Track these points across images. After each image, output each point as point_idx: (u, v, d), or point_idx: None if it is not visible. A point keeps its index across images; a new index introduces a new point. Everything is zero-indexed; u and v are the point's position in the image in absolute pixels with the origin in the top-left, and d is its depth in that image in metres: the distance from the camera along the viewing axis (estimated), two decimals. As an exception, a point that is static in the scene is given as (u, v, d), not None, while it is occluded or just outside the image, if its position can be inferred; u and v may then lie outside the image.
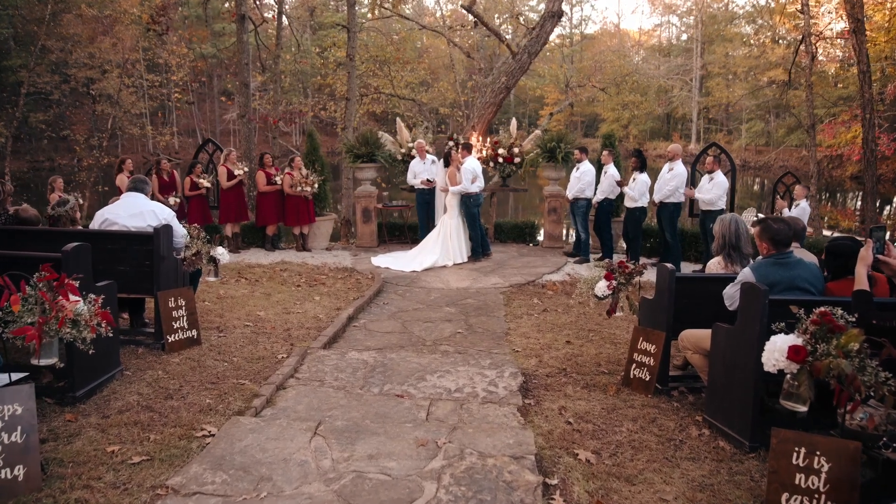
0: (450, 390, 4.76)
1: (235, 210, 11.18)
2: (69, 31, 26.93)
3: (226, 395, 4.47)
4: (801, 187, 10.01)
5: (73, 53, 27.61)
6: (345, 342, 6.26)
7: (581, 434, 4.06)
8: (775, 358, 3.05)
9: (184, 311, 5.46)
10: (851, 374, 2.78)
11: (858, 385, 2.77)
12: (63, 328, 3.26)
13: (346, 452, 3.55)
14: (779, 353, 3.04)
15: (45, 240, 5.37)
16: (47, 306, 3.21)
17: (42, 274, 3.28)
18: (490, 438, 3.77)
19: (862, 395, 2.80)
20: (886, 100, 29.18)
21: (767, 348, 3.13)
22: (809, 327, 3.01)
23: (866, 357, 2.86)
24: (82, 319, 3.36)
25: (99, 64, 28.74)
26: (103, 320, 3.51)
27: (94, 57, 28.30)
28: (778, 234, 3.90)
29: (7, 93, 32.49)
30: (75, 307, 3.35)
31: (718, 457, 3.78)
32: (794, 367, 3.00)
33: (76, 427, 3.80)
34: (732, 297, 4.03)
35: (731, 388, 3.99)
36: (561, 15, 15.54)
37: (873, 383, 2.78)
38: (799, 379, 2.98)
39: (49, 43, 25.05)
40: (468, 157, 10.42)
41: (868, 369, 2.81)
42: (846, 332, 2.90)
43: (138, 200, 5.53)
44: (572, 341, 6.38)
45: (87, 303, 3.45)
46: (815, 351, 2.95)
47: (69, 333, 3.31)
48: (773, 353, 3.07)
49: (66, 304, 3.28)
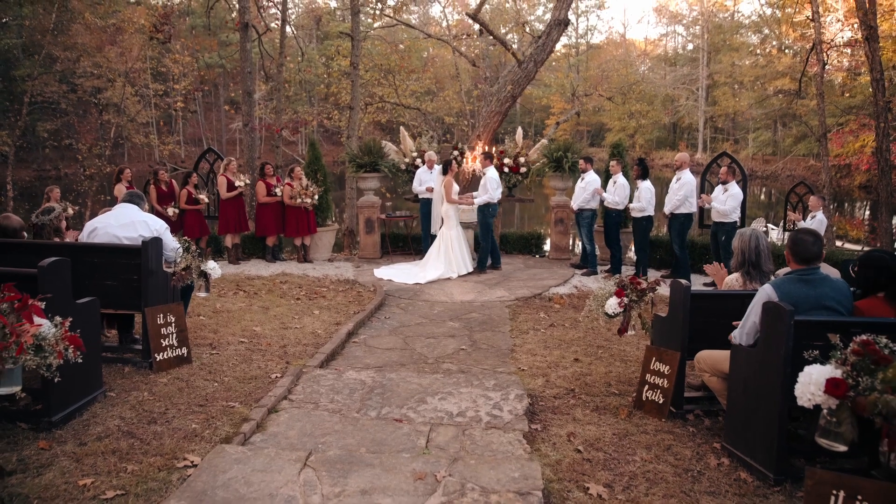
0: (451, 414, 4.48)
1: (235, 220, 10.96)
2: (75, 40, 26.92)
3: (213, 420, 4.21)
4: (815, 198, 9.69)
5: (80, 63, 27.59)
6: (343, 360, 5.99)
7: (591, 464, 3.78)
8: (811, 392, 2.76)
9: (173, 328, 5.21)
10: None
11: (909, 426, 2.49)
12: (22, 355, 3.01)
13: (338, 487, 3.27)
14: (815, 386, 2.74)
15: (27, 252, 5.13)
16: (7, 331, 2.96)
17: (3, 294, 3.03)
18: (493, 471, 3.48)
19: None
20: (894, 109, 28.86)
21: (801, 380, 2.84)
22: (850, 357, 2.72)
23: (915, 392, 2.58)
24: (46, 345, 3.10)
25: (105, 73, 28.72)
26: (71, 345, 3.25)
27: (100, 66, 28.28)
28: (803, 247, 3.61)
29: (14, 102, 32.55)
30: (38, 331, 3.09)
31: (741, 490, 3.49)
32: (832, 403, 2.71)
33: (49, 456, 3.55)
34: (749, 334, 3.72)
35: (754, 416, 3.70)
36: (567, 23, 15.31)
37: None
38: (839, 416, 2.68)
39: (56, 52, 25.04)
40: (489, 166, 10.20)
41: (917, 406, 2.53)
42: (893, 363, 2.62)
43: (130, 211, 5.30)
44: (580, 359, 6.11)
45: (53, 325, 3.20)
46: (857, 385, 2.66)
47: (31, 360, 3.05)
48: (809, 385, 2.77)
49: (29, 328, 3.02)
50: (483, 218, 10.11)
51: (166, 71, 25.20)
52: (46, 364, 3.13)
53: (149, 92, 30.62)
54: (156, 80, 33.67)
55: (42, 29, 26.77)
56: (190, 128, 48.95)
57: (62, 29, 24.81)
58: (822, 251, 3.68)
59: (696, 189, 9.78)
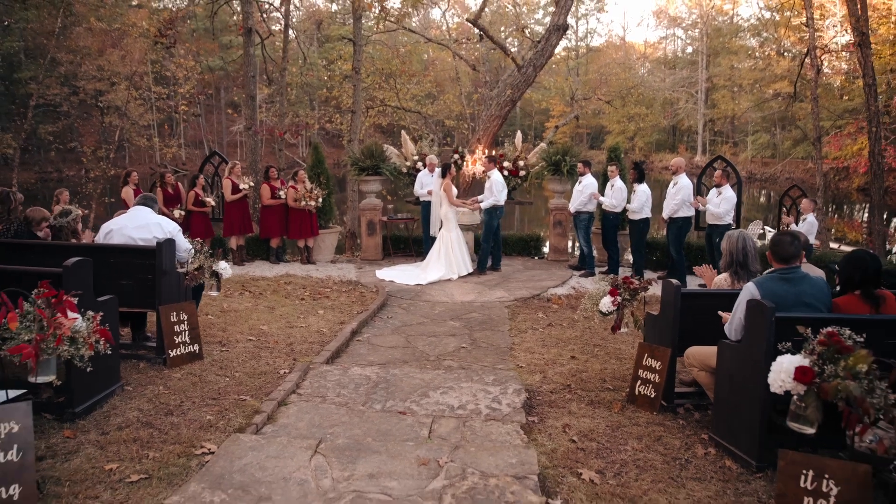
0: (453, 407, 4.71)
1: (239, 223, 11.18)
2: (78, 43, 27.14)
3: (227, 412, 4.43)
4: (807, 201, 9.94)
5: (83, 66, 27.81)
6: (348, 357, 6.22)
7: (585, 453, 4.00)
8: (782, 379, 3.00)
9: (186, 326, 5.43)
10: (860, 396, 2.72)
11: (867, 408, 2.71)
12: (60, 346, 3.24)
13: (347, 471, 3.50)
14: (785, 374, 2.98)
15: (46, 253, 5.36)
16: (45, 323, 3.19)
17: (40, 290, 3.26)
18: (492, 457, 3.71)
19: (871, 418, 2.74)
20: (892, 112, 29.14)
21: (774, 369, 3.08)
22: (816, 348, 2.96)
23: (875, 379, 2.81)
24: (80, 337, 3.34)
25: (108, 76, 28.95)
26: (102, 337, 3.49)
27: (102, 69, 28.52)
28: (781, 248, 3.85)
29: (17, 105, 32.79)
30: (73, 324, 3.32)
31: (725, 477, 3.71)
32: (801, 389, 2.94)
33: (74, 444, 3.77)
34: (737, 330, 3.94)
35: (738, 407, 3.93)
36: (566, 28, 15.55)
37: (882, 406, 2.73)
38: (806, 401, 2.92)
39: (59, 55, 25.28)
40: (493, 169, 10.41)
41: (877, 391, 2.75)
42: (854, 352, 2.85)
43: (145, 213, 5.53)
44: (577, 356, 6.32)
45: (85, 320, 3.43)
46: (822, 372, 2.90)
47: (67, 351, 3.29)
48: (780, 374, 3.01)
49: (64, 322, 3.26)
50: (489, 219, 10.31)
51: (170, 75, 25.43)
52: (79, 355, 3.37)
53: (151, 95, 30.85)
54: (158, 84, 33.93)
55: (45, 32, 27.03)
56: (191, 130, 49.13)
57: (65, 32, 25.04)
58: (800, 251, 3.90)
59: (692, 192, 10.00)
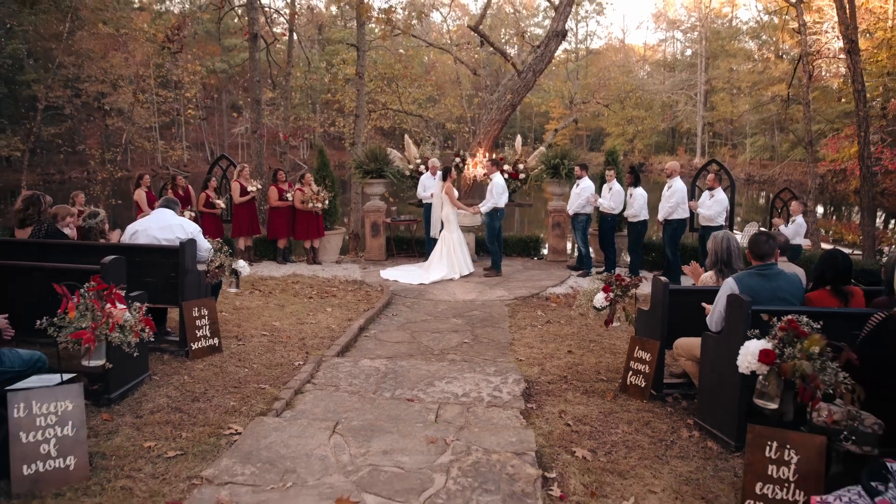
0: (457, 395, 5.07)
1: (248, 224, 11.55)
2: (82, 46, 27.51)
3: (248, 398, 4.80)
4: (797, 203, 10.31)
5: (86, 68, 28.20)
6: (357, 351, 6.58)
7: (579, 435, 4.36)
8: (748, 361, 3.38)
9: (206, 321, 5.80)
10: (812, 374, 3.10)
11: (818, 384, 3.08)
12: (113, 332, 3.62)
13: (363, 448, 3.88)
14: (751, 356, 3.36)
15: (78, 252, 5.73)
16: (98, 313, 3.57)
17: (91, 284, 3.63)
18: (494, 437, 4.08)
19: (821, 393, 3.11)
20: (889, 115, 29.50)
21: (741, 352, 3.45)
22: (778, 333, 3.34)
23: (827, 359, 3.18)
24: (128, 325, 3.71)
25: (111, 79, 29.34)
26: (146, 326, 3.87)
27: (105, 72, 28.90)
28: (757, 246, 4.24)
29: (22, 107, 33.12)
30: (123, 314, 3.70)
31: (706, 455, 4.08)
32: (764, 369, 3.33)
33: (113, 426, 4.14)
34: (717, 322, 4.31)
35: (719, 393, 4.29)
36: (565, 34, 15.93)
37: (832, 382, 3.11)
38: (768, 379, 3.30)
39: (62, 58, 25.68)
40: (495, 172, 10.76)
41: (828, 370, 3.13)
42: (809, 336, 3.22)
43: (167, 215, 5.91)
44: (574, 351, 6.68)
45: (132, 310, 3.80)
46: (782, 354, 3.27)
47: (117, 337, 3.67)
48: (747, 356, 3.39)
49: (115, 312, 3.63)
50: (490, 222, 10.66)
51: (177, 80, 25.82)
52: (127, 341, 3.74)
53: (157, 98, 31.22)
54: (162, 87, 34.31)
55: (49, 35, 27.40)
56: (192, 132, 49.50)
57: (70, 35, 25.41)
58: (774, 249, 4.28)
59: (686, 195, 10.36)
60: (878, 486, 2.53)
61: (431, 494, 3.37)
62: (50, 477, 3.28)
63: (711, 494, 3.52)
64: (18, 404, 3.23)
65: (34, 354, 3.74)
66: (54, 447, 3.31)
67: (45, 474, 3.27)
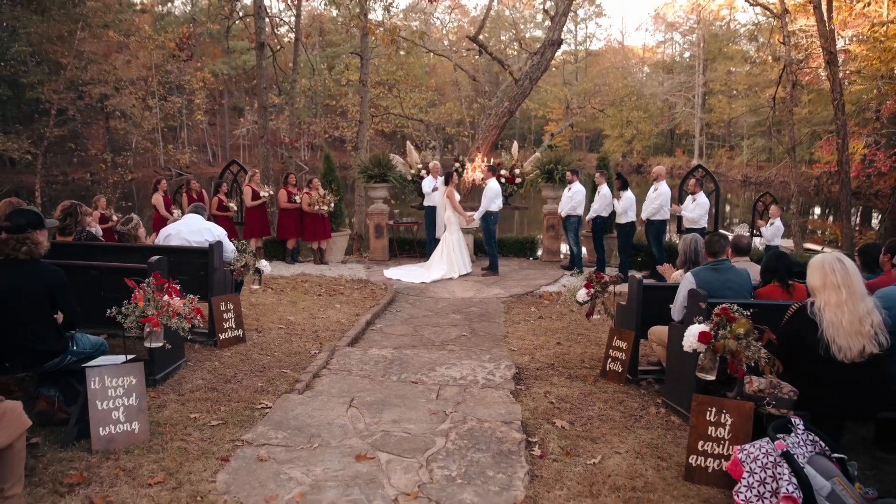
0: (455, 378, 5.77)
1: (259, 226, 12.25)
2: (84, 48, 28.05)
3: (273, 381, 5.50)
4: (775, 207, 11.03)
5: (88, 70, 28.74)
6: (365, 342, 7.28)
7: (560, 410, 5.06)
8: (690, 341, 4.09)
9: (232, 314, 6.50)
10: (736, 350, 3.81)
11: (742, 359, 3.79)
12: (174, 319, 4.33)
13: (375, 419, 4.58)
14: (693, 337, 4.07)
15: (115, 253, 6.44)
16: (159, 303, 4.28)
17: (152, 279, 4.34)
18: (487, 410, 4.79)
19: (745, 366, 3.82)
20: (882, 118, 30.13)
21: (686, 334, 4.16)
22: (714, 318, 4.04)
23: (752, 339, 3.88)
24: (183, 313, 4.42)
25: (114, 81, 29.90)
26: (198, 315, 4.57)
27: (108, 73, 29.47)
28: (710, 245, 4.98)
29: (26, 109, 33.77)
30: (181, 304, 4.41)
31: (668, 427, 4.77)
32: (702, 347, 4.04)
33: (161, 401, 4.83)
34: (678, 311, 5.02)
35: (681, 373, 4.98)
36: (560, 43, 16.62)
37: (754, 357, 3.81)
38: (706, 355, 4.01)
39: (65, 61, 26.29)
40: (491, 178, 11.44)
41: (752, 347, 3.83)
42: (738, 321, 3.92)
43: (197, 220, 6.62)
44: (562, 343, 7.37)
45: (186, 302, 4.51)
46: (717, 335, 3.98)
47: (174, 323, 4.38)
48: (690, 337, 4.10)
49: (173, 302, 4.34)
50: (486, 225, 11.36)
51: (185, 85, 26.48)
52: (182, 327, 4.45)
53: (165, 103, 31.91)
54: (167, 91, 35.01)
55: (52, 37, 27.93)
56: (194, 134, 50.18)
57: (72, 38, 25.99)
58: (725, 248, 5.03)
59: (669, 199, 11.06)
60: (784, 437, 3.23)
61: (434, 452, 4.07)
62: (120, 438, 3.99)
63: (666, 454, 4.21)
64: (94, 378, 3.93)
65: (98, 339, 4.45)
66: (122, 414, 4.01)
67: (116, 436, 3.98)
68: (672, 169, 41.85)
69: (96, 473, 3.69)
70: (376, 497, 3.54)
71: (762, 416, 3.66)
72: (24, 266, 3.90)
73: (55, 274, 4.00)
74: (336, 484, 3.67)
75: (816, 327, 3.74)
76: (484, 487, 3.67)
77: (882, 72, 31.59)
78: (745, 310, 4.02)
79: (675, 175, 36.84)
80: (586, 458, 4.13)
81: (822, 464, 3.20)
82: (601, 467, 4.02)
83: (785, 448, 3.10)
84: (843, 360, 3.71)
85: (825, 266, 3.81)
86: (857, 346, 3.68)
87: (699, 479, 3.78)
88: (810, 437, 3.33)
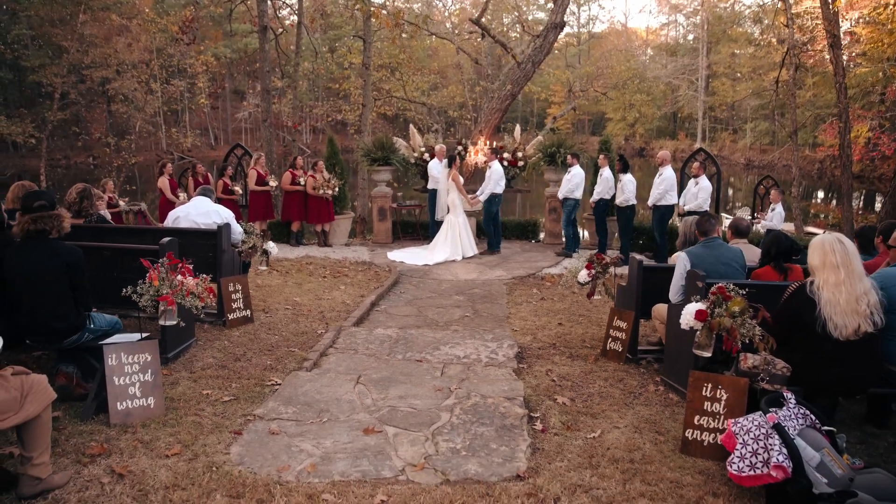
0: (459, 357, 5.91)
1: (263, 209, 12.35)
2: (85, 31, 28.02)
3: (282, 359, 5.64)
4: (776, 192, 11.10)
5: (90, 54, 28.71)
6: (370, 322, 7.42)
7: (561, 387, 5.20)
8: (687, 319, 4.22)
9: (240, 294, 6.64)
10: (731, 327, 3.94)
11: (736, 336, 3.93)
12: (188, 297, 4.47)
13: (382, 394, 4.73)
14: (690, 315, 4.20)
15: (124, 234, 6.58)
16: (173, 282, 4.41)
17: (165, 260, 4.48)
18: (490, 386, 4.94)
19: (739, 343, 3.96)
20: (887, 101, 30.03)
21: (683, 312, 4.29)
22: (710, 297, 4.17)
23: (747, 317, 4.01)
24: (196, 292, 4.56)
25: (116, 64, 29.87)
26: (210, 293, 4.71)
27: (110, 57, 29.45)
28: (700, 225, 5.14)
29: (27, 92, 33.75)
30: (194, 283, 4.54)
31: (666, 403, 4.91)
32: (699, 325, 4.17)
33: (174, 379, 4.98)
34: (676, 292, 5.15)
35: (680, 352, 5.11)
36: (563, 26, 16.62)
37: (748, 335, 3.94)
38: (702, 332, 4.14)
39: (66, 44, 26.27)
40: (494, 160, 11.52)
41: (746, 325, 3.96)
42: (733, 299, 4.05)
43: (205, 202, 6.74)
44: (563, 323, 7.51)
45: (199, 282, 4.65)
46: (713, 313, 4.11)
47: (187, 302, 4.52)
48: (687, 315, 4.23)
49: (186, 281, 4.48)
50: (489, 206, 11.47)
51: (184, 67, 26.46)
52: (195, 305, 4.59)
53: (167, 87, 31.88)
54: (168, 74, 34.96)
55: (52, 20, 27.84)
56: (195, 117, 50.10)
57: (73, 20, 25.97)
58: (715, 226, 5.22)
59: (675, 183, 11.12)
60: (776, 411, 3.37)
61: (439, 426, 4.23)
62: (136, 412, 4.14)
63: (664, 429, 4.36)
64: (111, 355, 4.08)
65: (113, 318, 4.59)
66: (138, 389, 4.15)
67: (132, 410, 4.13)
68: (675, 152, 41.71)
69: (116, 445, 3.84)
70: (384, 468, 3.70)
71: (756, 391, 3.79)
72: (46, 245, 4.04)
73: (75, 253, 4.14)
74: (345, 456, 3.82)
75: (814, 305, 3.88)
76: (488, 459, 3.82)
77: (888, 54, 31.43)
78: (741, 289, 4.14)
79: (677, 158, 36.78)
80: (586, 433, 4.28)
81: (811, 436, 3.34)
82: (601, 441, 4.16)
83: (776, 420, 3.23)
84: (838, 338, 3.85)
85: (825, 246, 3.94)
86: (852, 324, 3.82)
87: (695, 451, 3.92)
88: (801, 411, 3.47)
